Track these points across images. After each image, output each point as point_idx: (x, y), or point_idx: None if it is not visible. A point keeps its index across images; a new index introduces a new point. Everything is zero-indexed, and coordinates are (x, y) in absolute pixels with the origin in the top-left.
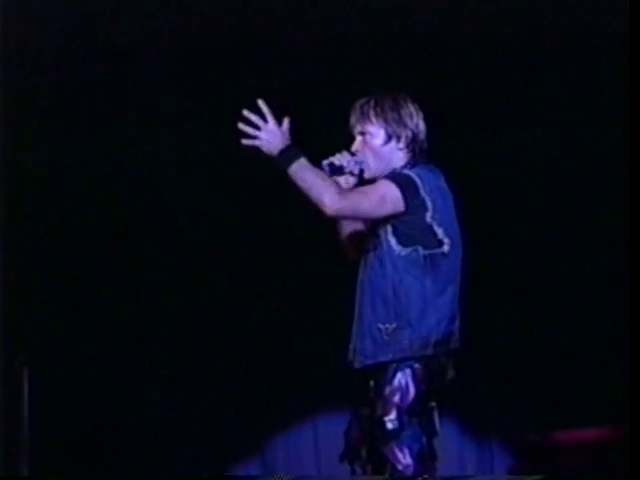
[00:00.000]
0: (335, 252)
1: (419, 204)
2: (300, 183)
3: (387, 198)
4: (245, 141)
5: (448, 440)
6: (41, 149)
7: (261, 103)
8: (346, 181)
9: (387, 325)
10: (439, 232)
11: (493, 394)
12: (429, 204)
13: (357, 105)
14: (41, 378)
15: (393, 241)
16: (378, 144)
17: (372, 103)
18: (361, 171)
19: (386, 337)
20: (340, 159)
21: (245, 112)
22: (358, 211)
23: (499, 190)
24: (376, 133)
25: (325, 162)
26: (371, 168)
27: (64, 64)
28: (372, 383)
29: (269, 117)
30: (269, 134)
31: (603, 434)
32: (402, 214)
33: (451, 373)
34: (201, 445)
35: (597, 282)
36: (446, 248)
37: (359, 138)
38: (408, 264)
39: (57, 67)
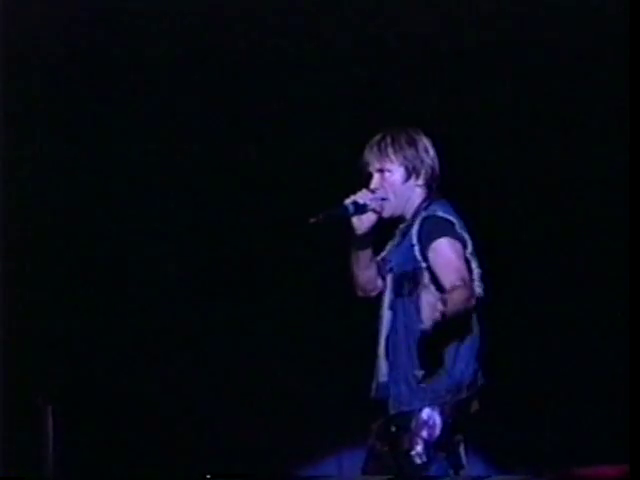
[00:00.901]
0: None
1: (461, 242)
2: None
3: (459, 252)
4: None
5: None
6: (41, 149)
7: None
8: (367, 218)
9: (423, 372)
10: (476, 271)
11: (516, 426)
12: (468, 240)
13: (373, 142)
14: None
15: (432, 288)
16: (398, 181)
17: (389, 140)
18: (381, 208)
19: (422, 384)
20: (363, 197)
21: None
22: (464, 278)
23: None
24: (396, 170)
25: (348, 201)
26: (391, 205)
27: (64, 65)
28: (394, 422)
29: None
30: None
31: (624, 470)
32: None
33: (475, 406)
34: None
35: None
36: (479, 290)
37: (377, 175)
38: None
39: (57, 67)
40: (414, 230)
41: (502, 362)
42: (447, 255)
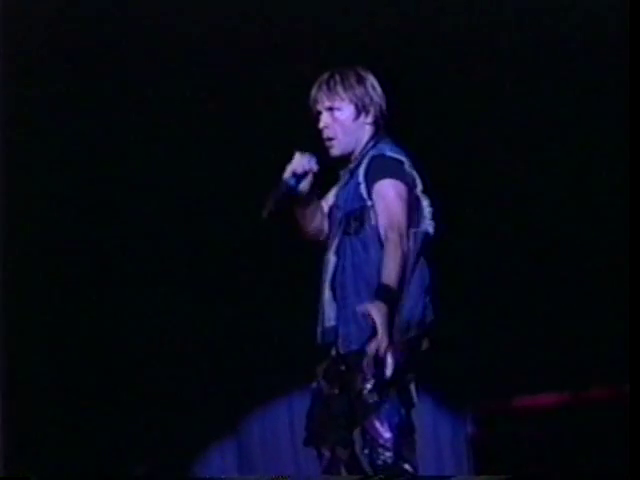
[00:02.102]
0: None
1: (411, 181)
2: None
3: (402, 194)
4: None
5: (424, 411)
6: (41, 149)
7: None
8: (308, 181)
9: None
10: (427, 209)
11: (462, 363)
12: (417, 178)
13: (322, 80)
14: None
15: (380, 225)
16: (349, 119)
17: (338, 78)
18: (329, 148)
19: (371, 322)
20: (299, 165)
21: None
22: (401, 222)
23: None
24: (346, 108)
25: (287, 175)
26: (341, 144)
27: (64, 65)
28: (343, 362)
29: None
30: (381, 319)
31: (564, 398)
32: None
33: (426, 344)
34: (177, 426)
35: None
36: (430, 229)
37: (326, 114)
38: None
39: (57, 68)
40: (361, 169)
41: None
42: (388, 198)
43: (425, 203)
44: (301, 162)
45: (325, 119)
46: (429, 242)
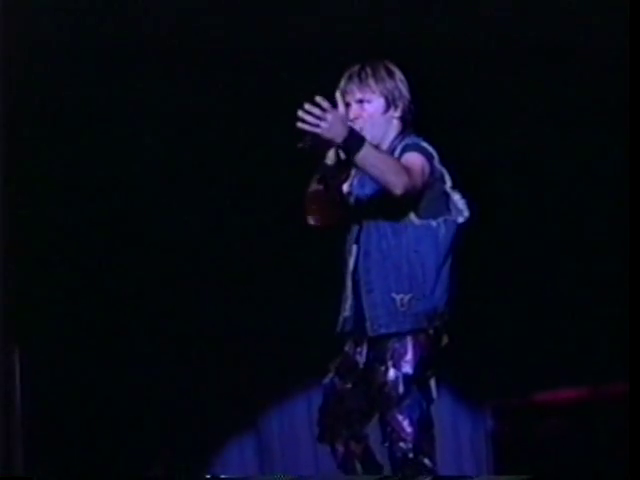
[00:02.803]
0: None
1: (439, 176)
2: (369, 169)
3: (425, 171)
4: (305, 126)
5: (442, 407)
6: (41, 150)
7: (319, 98)
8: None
9: (402, 295)
10: (459, 202)
11: (482, 360)
12: (446, 175)
13: (353, 72)
14: (37, 375)
15: (411, 213)
16: (378, 112)
17: (369, 70)
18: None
19: (401, 308)
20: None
21: (306, 105)
22: (416, 187)
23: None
24: (376, 101)
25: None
26: (367, 136)
27: (64, 65)
28: (361, 355)
29: (330, 107)
30: (331, 123)
31: (583, 394)
32: (429, 186)
33: (445, 340)
34: (197, 423)
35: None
36: (462, 219)
37: (355, 105)
38: (424, 235)
39: (57, 68)
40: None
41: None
42: (414, 161)
43: (456, 197)
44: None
45: (355, 111)
46: (459, 233)
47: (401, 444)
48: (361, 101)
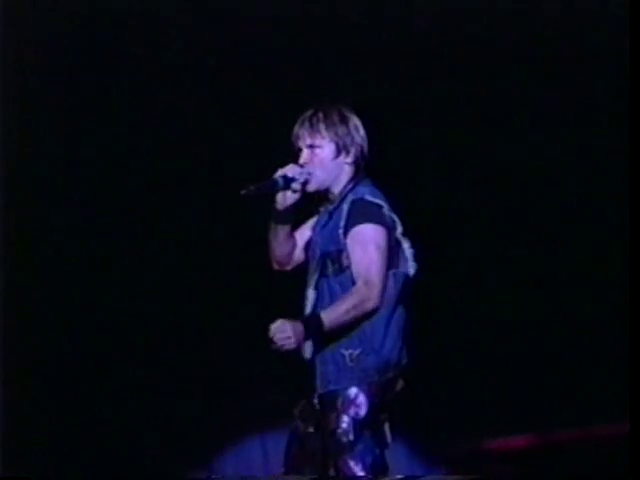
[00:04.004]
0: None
1: (391, 224)
2: (343, 325)
3: (379, 241)
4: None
5: (398, 452)
6: (41, 151)
7: (279, 325)
8: (292, 195)
9: (351, 351)
10: (408, 253)
11: (436, 405)
12: (397, 221)
13: (305, 117)
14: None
15: (353, 270)
16: (328, 157)
17: (321, 115)
18: (305, 182)
19: (350, 363)
20: (292, 171)
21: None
22: (378, 270)
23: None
24: (326, 146)
25: (278, 174)
26: (318, 180)
27: (64, 65)
28: (318, 401)
29: (289, 327)
30: (295, 338)
31: (533, 441)
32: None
33: (400, 384)
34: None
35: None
36: (411, 270)
37: (307, 150)
38: None
39: (57, 68)
40: (343, 213)
41: (428, 341)
42: (364, 244)
43: (406, 245)
44: (294, 170)
45: (305, 156)
46: (409, 284)
47: None
48: (312, 146)
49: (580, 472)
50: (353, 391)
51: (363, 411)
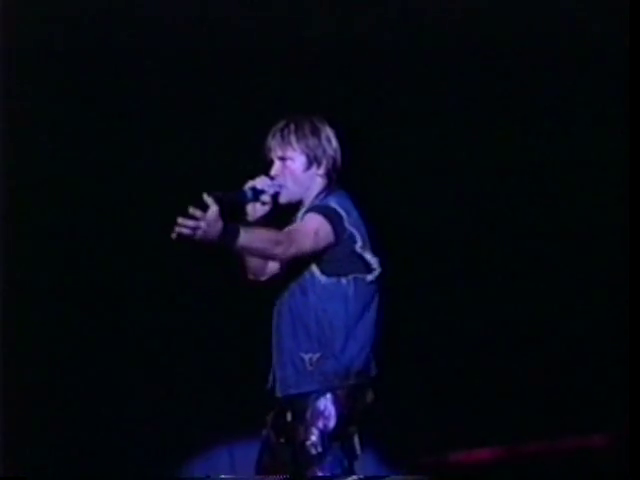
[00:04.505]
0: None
1: (347, 237)
2: (250, 250)
3: (320, 233)
4: (183, 231)
5: (367, 463)
6: (41, 151)
7: (192, 210)
8: (262, 207)
9: (310, 355)
10: (372, 261)
11: (404, 417)
12: (357, 235)
13: (276, 129)
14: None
15: (317, 271)
16: (299, 170)
17: (292, 127)
18: (276, 194)
19: (310, 367)
20: (261, 183)
21: (180, 220)
22: (302, 251)
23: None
24: (297, 159)
25: (247, 186)
26: (289, 193)
27: (65, 64)
28: (289, 412)
29: (202, 214)
30: (206, 228)
31: (499, 453)
32: (331, 246)
33: (370, 396)
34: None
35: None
36: (371, 277)
37: (278, 163)
38: (332, 293)
39: (58, 67)
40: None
41: (399, 353)
42: (308, 220)
43: (368, 255)
44: (264, 182)
45: (276, 168)
46: (372, 291)
47: None
48: (283, 158)
49: None
50: (322, 403)
51: (332, 423)
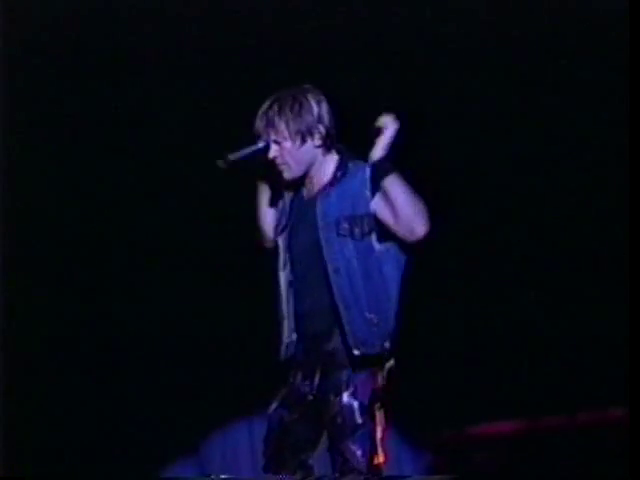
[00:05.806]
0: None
1: None
2: (395, 204)
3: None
4: None
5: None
6: (41, 152)
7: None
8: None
9: (372, 316)
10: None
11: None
12: None
13: (262, 111)
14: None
15: (374, 236)
16: (295, 148)
17: (276, 108)
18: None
19: (374, 328)
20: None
21: None
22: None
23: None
24: (289, 139)
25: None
26: (293, 170)
27: (65, 64)
28: (308, 387)
29: None
30: None
31: (520, 427)
32: None
33: (391, 363)
34: (137, 443)
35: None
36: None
37: (274, 146)
38: (386, 258)
39: (58, 67)
40: (367, 174)
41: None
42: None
43: None
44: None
45: (274, 150)
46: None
47: (352, 475)
48: (276, 141)
49: (571, 460)
50: (357, 377)
51: (366, 397)
